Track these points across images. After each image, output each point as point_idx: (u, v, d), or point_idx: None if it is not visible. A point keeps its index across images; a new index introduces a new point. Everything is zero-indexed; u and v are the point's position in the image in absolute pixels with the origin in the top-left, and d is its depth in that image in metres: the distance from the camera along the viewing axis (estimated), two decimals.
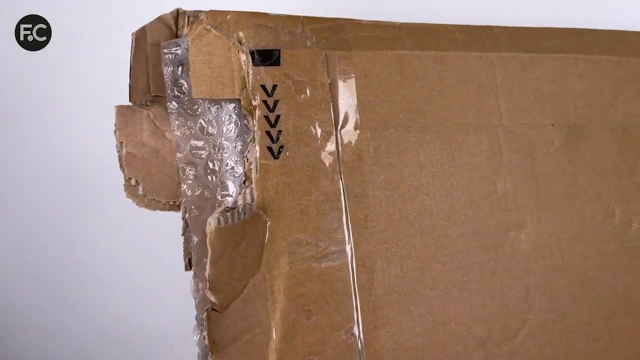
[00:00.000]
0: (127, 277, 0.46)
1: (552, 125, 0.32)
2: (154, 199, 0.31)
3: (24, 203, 0.45)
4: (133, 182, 0.31)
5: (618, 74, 0.34)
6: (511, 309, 0.30)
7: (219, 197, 0.29)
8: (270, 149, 0.26)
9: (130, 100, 0.29)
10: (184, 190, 0.28)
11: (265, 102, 0.26)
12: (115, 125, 0.29)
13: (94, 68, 0.44)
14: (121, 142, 0.30)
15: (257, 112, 0.26)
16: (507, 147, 0.31)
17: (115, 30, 0.42)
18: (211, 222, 0.22)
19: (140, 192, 0.31)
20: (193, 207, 0.29)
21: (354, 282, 0.26)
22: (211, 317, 0.23)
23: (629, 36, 0.37)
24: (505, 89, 0.31)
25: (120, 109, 0.29)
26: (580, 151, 0.33)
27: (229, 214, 0.23)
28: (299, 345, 0.25)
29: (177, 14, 0.28)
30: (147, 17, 0.39)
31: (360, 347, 0.26)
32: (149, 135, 0.30)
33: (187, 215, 0.28)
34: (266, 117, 0.26)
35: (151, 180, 0.31)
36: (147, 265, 0.46)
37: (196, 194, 0.29)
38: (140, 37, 0.28)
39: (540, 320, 0.30)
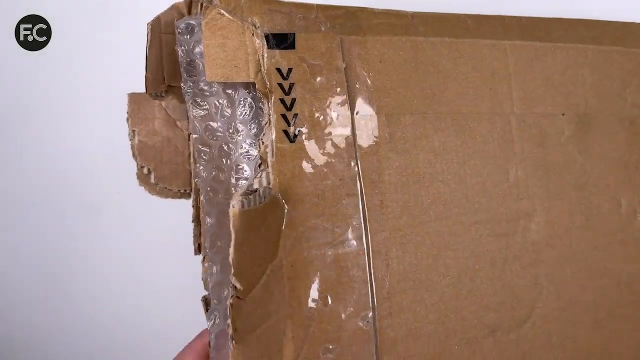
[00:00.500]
0: (132, 282, 0.46)
1: (563, 114, 0.32)
2: (165, 187, 0.31)
3: (24, 203, 0.44)
4: (145, 170, 0.30)
5: (627, 65, 0.35)
6: (520, 297, 0.30)
7: (233, 180, 0.28)
8: (286, 132, 0.26)
9: (146, 92, 0.28)
10: (199, 171, 0.28)
11: (280, 85, 0.26)
12: (127, 113, 0.29)
13: (94, 68, 0.44)
14: (133, 130, 0.30)
15: (273, 95, 0.26)
16: (519, 136, 0.31)
17: (115, 31, 0.44)
18: (235, 205, 0.22)
19: (152, 180, 0.31)
20: (208, 188, 0.28)
21: (370, 269, 0.26)
22: (234, 304, 0.22)
23: (636, 28, 0.37)
24: (517, 78, 0.31)
25: (132, 97, 0.28)
26: (590, 141, 0.33)
27: (251, 197, 0.22)
28: (316, 333, 0.25)
29: (190, 2, 0.28)
30: (146, 17, 0.39)
31: (374, 333, 0.26)
32: (160, 124, 0.30)
33: (201, 197, 0.27)
34: (282, 100, 0.26)
35: (163, 169, 0.31)
36: (151, 267, 0.45)
37: (211, 175, 0.28)
38: (155, 27, 0.27)
39: (547, 309, 0.31)
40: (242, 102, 0.28)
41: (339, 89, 0.27)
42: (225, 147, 0.28)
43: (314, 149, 0.26)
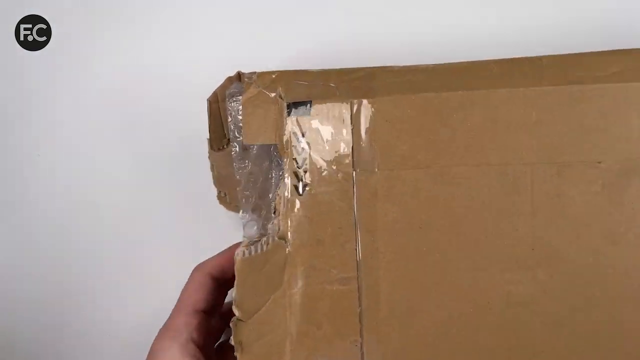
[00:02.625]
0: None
1: (599, 162, 0.31)
2: (236, 205, 0.40)
3: (24, 205, 0.44)
4: (222, 194, 0.40)
5: None
6: (522, 343, 0.31)
7: (272, 214, 0.35)
8: (296, 187, 0.32)
9: (211, 149, 0.37)
10: (244, 212, 0.36)
11: (295, 146, 0.32)
12: (208, 154, 0.38)
13: (93, 68, 0.44)
14: (212, 165, 0.38)
15: (288, 155, 0.32)
16: (534, 187, 0.31)
17: (115, 31, 0.44)
18: (239, 254, 0.29)
19: (228, 200, 0.40)
20: (254, 224, 0.36)
21: (360, 304, 0.31)
22: (237, 324, 0.30)
23: None
24: (540, 126, 0.31)
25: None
26: (630, 192, 0.31)
27: (252, 247, 0.30)
28: (311, 348, 0.31)
29: (239, 75, 0.35)
30: (146, 16, 0.43)
31: (361, 356, 0.31)
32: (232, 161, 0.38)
33: None
34: (295, 159, 0.32)
35: (234, 193, 0.39)
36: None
37: (254, 215, 0.36)
38: (213, 100, 0.35)
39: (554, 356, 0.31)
40: (275, 155, 0.34)
41: (344, 149, 0.31)
42: (261, 192, 0.35)
43: (317, 201, 0.31)
